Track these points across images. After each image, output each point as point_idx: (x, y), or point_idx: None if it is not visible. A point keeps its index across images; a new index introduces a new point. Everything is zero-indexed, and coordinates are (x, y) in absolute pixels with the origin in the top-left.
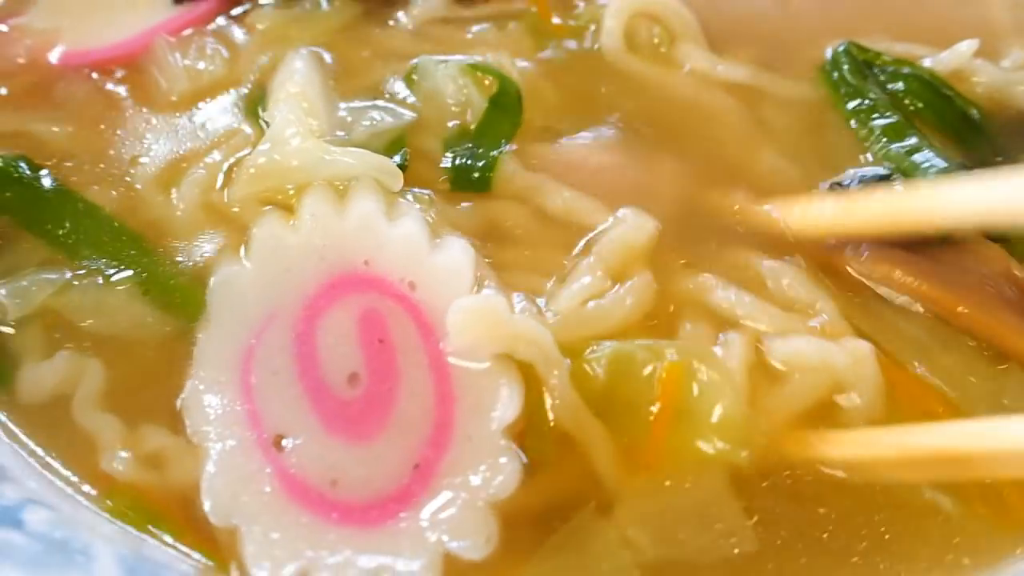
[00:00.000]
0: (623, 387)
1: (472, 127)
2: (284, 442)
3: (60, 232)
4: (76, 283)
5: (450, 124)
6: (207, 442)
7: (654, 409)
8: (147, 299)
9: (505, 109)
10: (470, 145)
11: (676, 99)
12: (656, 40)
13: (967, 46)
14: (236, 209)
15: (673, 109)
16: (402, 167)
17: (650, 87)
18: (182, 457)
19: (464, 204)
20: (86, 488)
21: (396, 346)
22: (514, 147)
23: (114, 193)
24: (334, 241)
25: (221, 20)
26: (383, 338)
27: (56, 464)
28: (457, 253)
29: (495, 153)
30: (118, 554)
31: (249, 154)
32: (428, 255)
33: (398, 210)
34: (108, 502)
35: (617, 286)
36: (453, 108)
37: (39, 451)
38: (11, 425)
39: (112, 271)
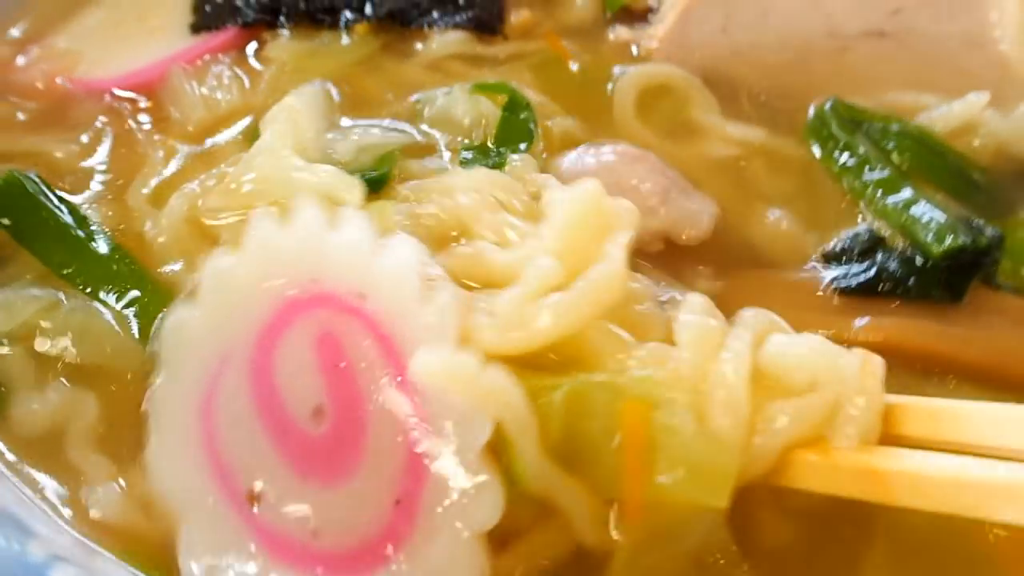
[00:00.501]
0: (585, 429)
1: (489, 141)
2: (257, 495)
3: (55, 249)
4: (65, 304)
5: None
6: (178, 505)
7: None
8: (136, 328)
9: (519, 114)
10: (491, 151)
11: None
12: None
13: (976, 98)
14: (212, 223)
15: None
16: (382, 179)
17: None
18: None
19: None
20: (104, 539)
21: (357, 368)
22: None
23: (111, 212)
24: (278, 265)
25: (239, 51)
26: (342, 361)
27: (68, 513)
28: (402, 253)
29: (503, 151)
30: None
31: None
32: (373, 260)
33: (340, 217)
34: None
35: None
36: (467, 125)
37: (55, 501)
38: (21, 468)
39: (103, 295)
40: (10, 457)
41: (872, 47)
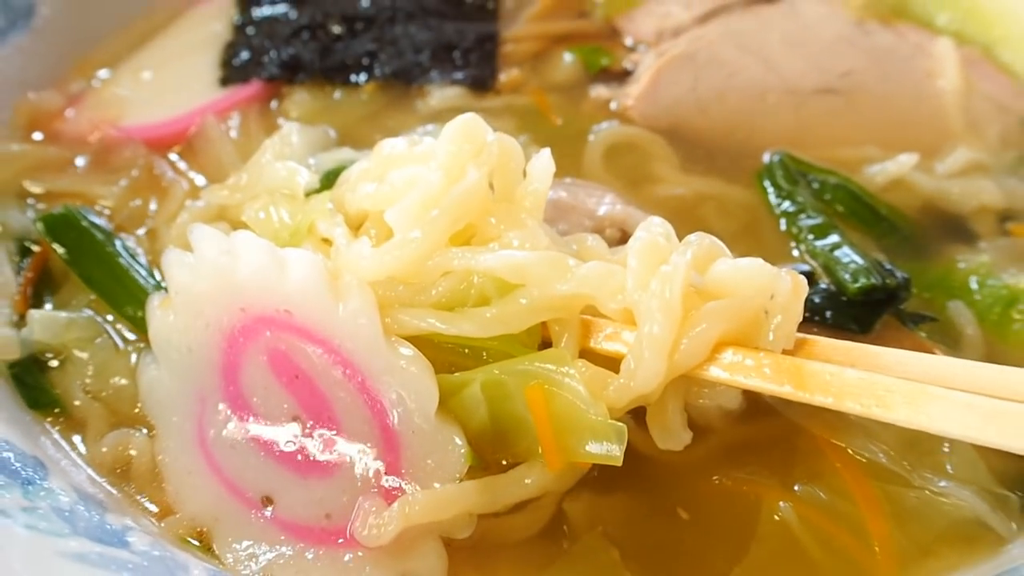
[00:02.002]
0: (509, 410)
1: None
2: (269, 499)
3: (103, 277)
4: (98, 340)
5: None
6: (207, 521)
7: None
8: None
9: None
10: None
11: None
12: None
13: (907, 159)
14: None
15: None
16: (332, 176)
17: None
18: None
19: None
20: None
21: (311, 374)
22: None
23: (149, 249)
24: (206, 306)
25: (262, 104)
26: (297, 373)
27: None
28: (302, 270)
29: None
30: (208, 569)
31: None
32: (282, 280)
33: (236, 244)
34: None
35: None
36: None
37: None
38: (92, 473)
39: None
40: (82, 450)
41: (824, 103)
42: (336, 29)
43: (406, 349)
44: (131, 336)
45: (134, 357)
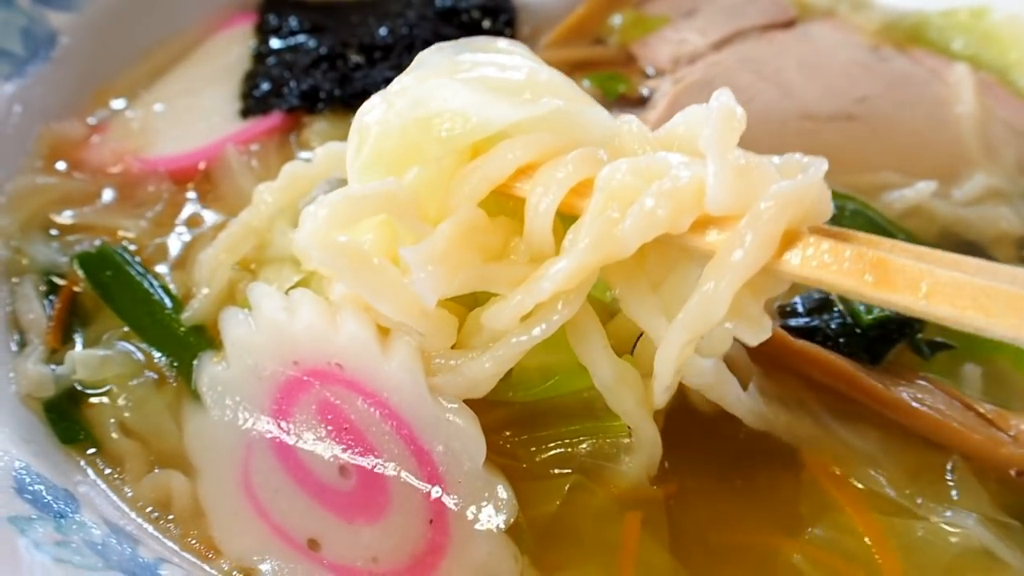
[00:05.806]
0: (578, 518)
1: None
2: (316, 542)
3: (139, 314)
4: (135, 376)
5: None
6: (253, 561)
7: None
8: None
9: None
10: None
11: None
12: None
13: (925, 186)
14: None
15: None
16: None
17: None
18: None
19: None
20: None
21: (360, 426)
22: None
23: (176, 283)
24: (261, 357)
25: (283, 134)
26: (346, 424)
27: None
28: (352, 328)
29: None
30: None
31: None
32: (333, 336)
33: (293, 303)
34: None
35: None
36: None
37: (152, 528)
38: (125, 507)
39: (175, 359)
40: (116, 484)
41: (840, 129)
42: (355, 58)
43: (451, 402)
44: (167, 372)
45: (170, 394)
